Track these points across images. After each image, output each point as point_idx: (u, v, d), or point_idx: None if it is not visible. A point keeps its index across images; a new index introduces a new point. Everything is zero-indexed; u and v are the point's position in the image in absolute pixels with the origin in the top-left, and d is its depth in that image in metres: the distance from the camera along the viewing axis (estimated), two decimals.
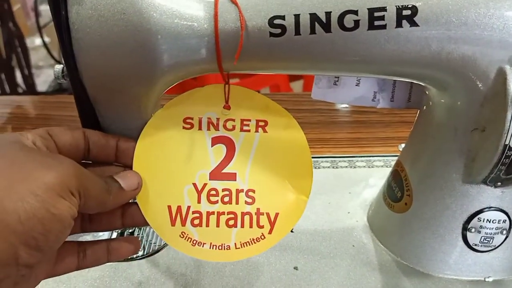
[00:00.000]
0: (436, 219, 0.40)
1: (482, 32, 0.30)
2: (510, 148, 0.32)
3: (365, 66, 0.33)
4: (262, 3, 0.30)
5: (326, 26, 0.30)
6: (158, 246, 0.46)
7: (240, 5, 0.30)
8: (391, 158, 0.60)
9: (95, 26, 0.28)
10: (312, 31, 0.30)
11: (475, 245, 0.40)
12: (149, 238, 0.47)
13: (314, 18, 0.30)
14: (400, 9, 0.29)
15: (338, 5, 0.30)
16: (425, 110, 0.41)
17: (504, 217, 0.38)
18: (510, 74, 0.31)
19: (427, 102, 0.40)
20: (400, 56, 0.31)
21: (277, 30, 0.30)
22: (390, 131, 0.68)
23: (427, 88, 0.38)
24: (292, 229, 0.35)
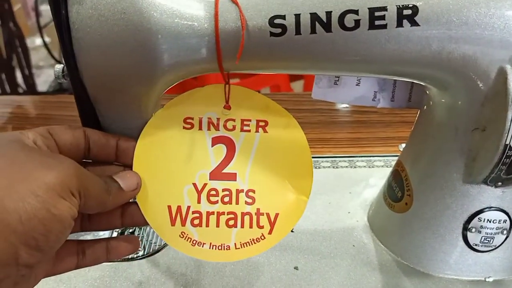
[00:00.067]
0: (436, 219, 0.40)
1: (483, 31, 0.30)
2: (511, 148, 0.32)
3: (365, 65, 0.33)
4: (263, 3, 0.30)
5: (326, 25, 0.30)
6: (158, 246, 0.46)
7: (240, 4, 0.30)
8: (392, 158, 0.60)
9: (96, 26, 0.28)
10: (312, 31, 0.30)
11: (476, 245, 0.40)
12: (149, 238, 0.47)
13: (314, 17, 0.30)
14: (400, 8, 0.29)
15: (339, 4, 0.30)
16: (425, 110, 0.41)
17: (504, 217, 0.38)
18: (511, 73, 0.31)
19: (428, 102, 0.40)
20: (400, 55, 0.31)
21: (277, 30, 0.30)
22: (391, 131, 0.67)
23: (428, 87, 0.38)
24: (292, 229, 0.35)
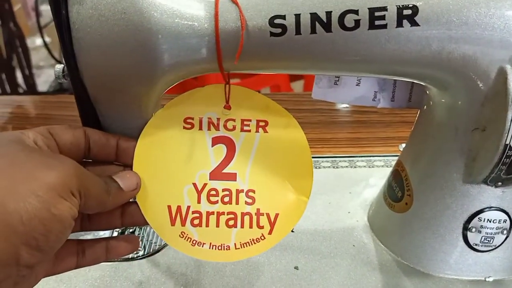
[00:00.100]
0: (436, 219, 0.40)
1: (483, 31, 0.30)
2: (511, 147, 0.32)
3: (365, 65, 0.33)
4: (263, 3, 0.30)
5: (326, 25, 0.30)
6: (158, 246, 0.46)
7: (240, 4, 0.30)
8: (392, 158, 0.60)
9: (96, 26, 0.28)
10: (312, 31, 0.30)
11: (476, 245, 0.40)
12: (149, 237, 0.47)
13: (314, 17, 0.30)
14: (400, 8, 0.29)
15: (339, 4, 0.30)
16: (425, 109, 0.41)
17: (504, 217, 0.38)
18: (511, 73, 0.31)
19: (428, 102, 0.40)
20: (400, 55, 0.31)
21: (277, 30, 0.30)
22: (391, 131, 0.67)
23: (428, 87, 0.38)
24: (292, 229, 0.35)
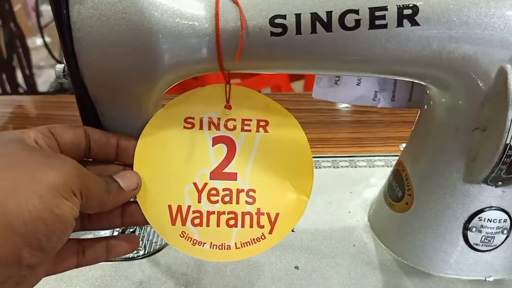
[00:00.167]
0: (437, 219, 0.40)
1: (483, 31, 0.30)
2: (511, 147, 0.32)
3: (366, 65, 0.33)
4: (263, 3, 0.30)
5: (327, 25, 0.30)
6: (159, 246, 0.46)
7: (241, 4, 0.30)
8: (392, 157, 0.60)
9: (97, 25, 0.28)
10: (313, 31, 0.30)
11: (476, 244, 0.40)
12: (150, 237, 0.47)
13: (315, 17, 0.30)
14: (401, 8, 0.29)
15: (339, 4, 0.30)
16: (426, 109, 0.41)
17: (504, 216, 0.38)
18: (511, 73, 0.31)
19: (428, 102, 0.40)
20: (401, 55, 0.31)
21: (278, 30, 0.30)
22: (391, 131, 0.67)
23: (428, 87, 0.38)
24: (293, 228, 0.35)
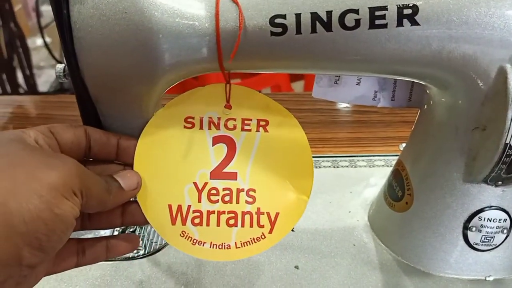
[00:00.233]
0: (437, 218, 0.40)
1: (483, 31, 0.30)
2: (511, 147, 0.32)
3: (366, 65, 0.33)
4: (263, 2, 0.30)
5: (327, 25, 0.30)
6: (159, 245, 0.46)
7: (241, 4, 0.30)
8: (392, 157, 0.60)
9: (97, 25, 0.28)
10: (313, 30, 0.30)
11: (476, 244, 0.40)
12: (150, 237, 0.47)
13: (315, 17, 0.30)
14: (401, 8, 0.29)
15: (339, 4, 0.30)
16: (426, 109, 0.41)
17: (504, 216, 0.38)
18: (511, 73, 0.31)
19: (428, 101, 0.40)
20: (401, 55, 0.31)
21: (278, 29, 0.30)
22: (391, 131, 0.67)
23: (428, 87, 0.38)
24: (293, 228, 0.35)
